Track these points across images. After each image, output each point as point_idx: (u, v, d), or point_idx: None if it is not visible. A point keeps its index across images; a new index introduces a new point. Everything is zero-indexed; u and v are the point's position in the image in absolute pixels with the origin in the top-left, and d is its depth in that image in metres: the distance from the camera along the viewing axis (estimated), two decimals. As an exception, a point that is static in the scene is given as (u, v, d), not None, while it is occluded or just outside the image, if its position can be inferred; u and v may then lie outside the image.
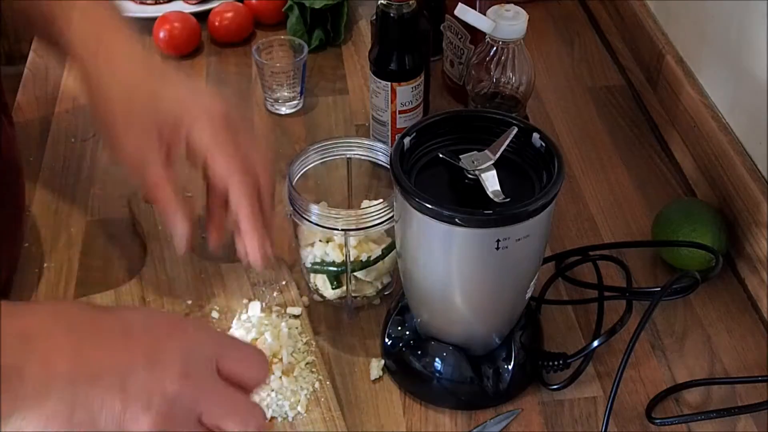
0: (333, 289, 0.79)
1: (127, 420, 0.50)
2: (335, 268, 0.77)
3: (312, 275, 0.80)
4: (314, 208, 0.73)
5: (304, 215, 0.74)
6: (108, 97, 0.71)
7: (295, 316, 0.78)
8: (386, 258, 0.78)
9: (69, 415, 0.49)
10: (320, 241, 0.78)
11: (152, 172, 0.70)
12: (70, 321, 0.52)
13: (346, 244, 0.75)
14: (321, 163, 0.80)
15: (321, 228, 0.74)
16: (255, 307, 0.78)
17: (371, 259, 0.77)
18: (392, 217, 0.72)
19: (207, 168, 0.71)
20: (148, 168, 0.70)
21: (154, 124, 0.70)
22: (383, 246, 0.78)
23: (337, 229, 0.73)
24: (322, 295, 0.81)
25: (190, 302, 0.80)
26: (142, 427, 0.50)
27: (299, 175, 0.78)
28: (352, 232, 0.74)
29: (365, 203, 0.81)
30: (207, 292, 0.81)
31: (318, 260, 0.78)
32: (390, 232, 0.77)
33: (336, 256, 0.77)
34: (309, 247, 0.79)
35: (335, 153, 0.80)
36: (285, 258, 0.84)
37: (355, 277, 0.78)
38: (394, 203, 0.68)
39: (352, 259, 0.76)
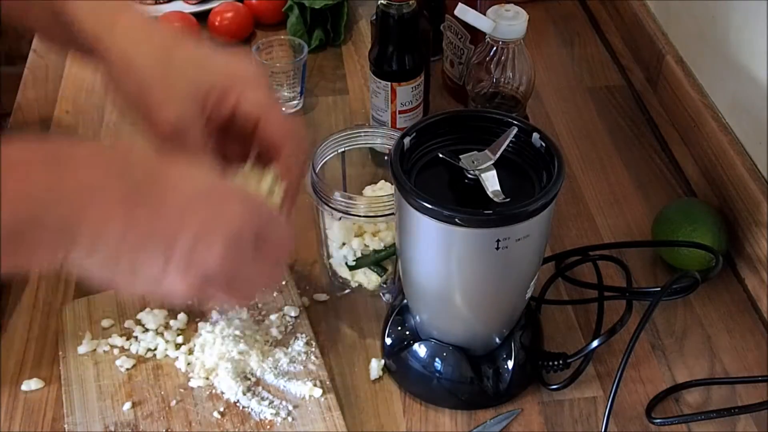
0: (380, 276, 0.79)
1: (164, 281, 0.55)
2: (384, 254, 0.78)
3: (351, 272, 0.80)
4: (360, 200, 0.73)
5: (350, 211, 0.74)
6: (137, 68, 0.65)
7: (294, 317, 0.78)
8: None
9: (114, 266, 0.54)
10: (356, 234, 0.78)
11: (195, 142, 0.65)
12: (128, 191, 0.54)
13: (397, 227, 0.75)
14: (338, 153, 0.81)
15: (369, 218, 0.74)
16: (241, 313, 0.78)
17: None
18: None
19: (258, 132, 0.67)
20: (190, 137, 0.65)
21: (198, 91, 0.65)
22: None
23: (386, 215, 0.74)
24: (360, 288, 0.81)
25: (189, 302, 0.79)
26: (176, 288, 0.55)
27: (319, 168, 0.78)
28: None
29: (382, 187, 0.81)
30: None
31: (360, 254, 0.78)
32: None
33: (375, 244, 0.77)
34: (345, 246, 0.78)
35: (358, 142, 0.81)
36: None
37: (393, 260, 0.79)
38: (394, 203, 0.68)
39: (392, 241, 0.77)
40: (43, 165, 0.52)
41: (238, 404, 0.71)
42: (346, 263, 0.79)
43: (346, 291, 0.82)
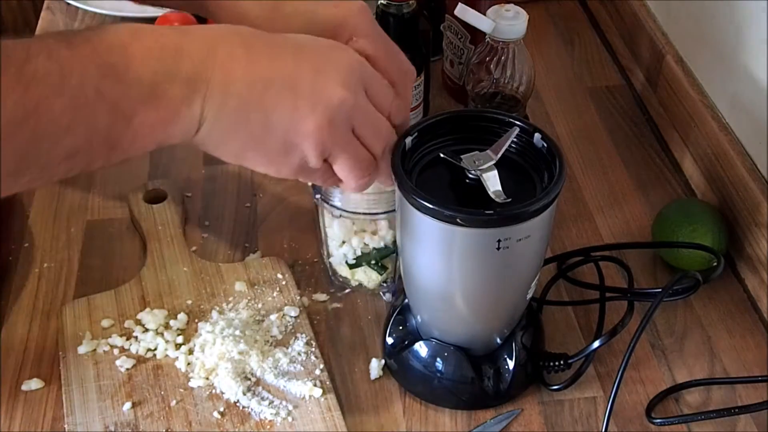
0: (380, 274, 0.79)
1: (296, 119, 0.58)
2: (384, 252, 0.78)
3: (351, 271, 0.80)
4: (359, 197, 0.73)
5: (349, 208, 0.74)
6: (247, 21, 0.67)
7: (294, 317, 0.78)
8: None
9: (246, 114, 0.58)
10: (356, 232, 0.78)
11: None
12: (246, 38, 0.59)
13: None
14: None
15: (369, 215, 0.74)
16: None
17: None
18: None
19: None
20: None
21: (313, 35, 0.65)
22: None
23: (386, 212, 0.74)
24: (360, 287, 0.81)
25: (190, 302, 0.79)
26: (309, 125, 0.58)
27: None
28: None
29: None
30: (207, 292, 0.80)
31: (359, 253, 0.78)
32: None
33: (375, 242, 0.77)
34: (345, 244, 0.78)
35: None
36: (285, 256, 0.85)
37: (393, 258, 0.78)
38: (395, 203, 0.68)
39: (392, 239, 0.77)
40: (169, 30, 0.57)
41: (238, 404, 0.71)
42: (346, 262, 0.79)
43: (347, 290, 0.82)
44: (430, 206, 0.61)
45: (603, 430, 0.70)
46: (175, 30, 0.57)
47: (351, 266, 0.79)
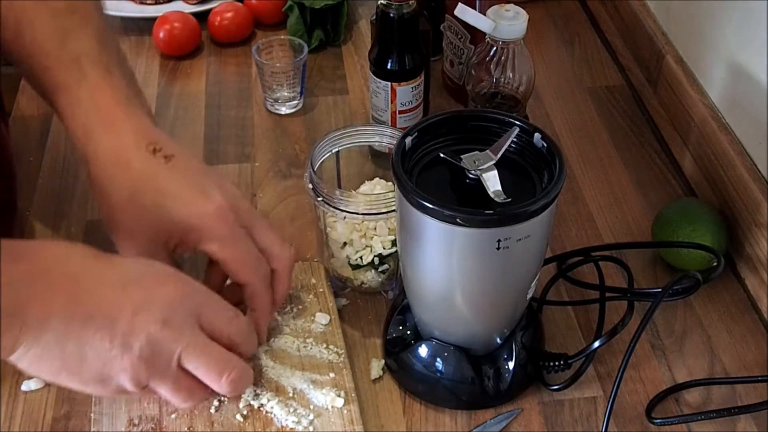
0: (383, 273, 0.79)
1: (112, 357, 0.59)
2: (385, 252, 0.77)
3: (354, 272, 0.80)
4: (360, 198, 0.73)
5: (351, 209, 0.74)
6: (109, 195, 0.68)
7: (324, 324, 0.77)
8: None
9: (62, 348, 0.58)
10: (357, 232, 0.77)
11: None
12: (72, 269, 0.60)
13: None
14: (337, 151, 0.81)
15: (372, 216, 0.74)
16: None
17: None
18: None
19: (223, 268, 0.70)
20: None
21: (162, 233, 0.68)
22: None
23: (388, 212, 0.74)
24: (362, 287, 0.81)
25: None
26: (125, 364, 0.59)
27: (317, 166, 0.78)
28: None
29: (377, 183, 0.81)
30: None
31: (362, 253, 0.78)
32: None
33: (377, 242, 0.77)
34: (347, 246, 0.78)
35: (357, 141, 0.81)
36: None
37: (394, 256, 0.78)
38: (395, 203, 0.68)
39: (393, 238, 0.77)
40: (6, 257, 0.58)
41: (261, 409, 0.70)
42: (349, 263, 0.79)
43: (347, 290, 0.82)
44: (430, 206, 0.61)
45: (603, 430, 0.70)
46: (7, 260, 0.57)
47: (354, 267, 0.79)
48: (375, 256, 0.78)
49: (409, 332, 0.75)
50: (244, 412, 0.70)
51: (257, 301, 0.70)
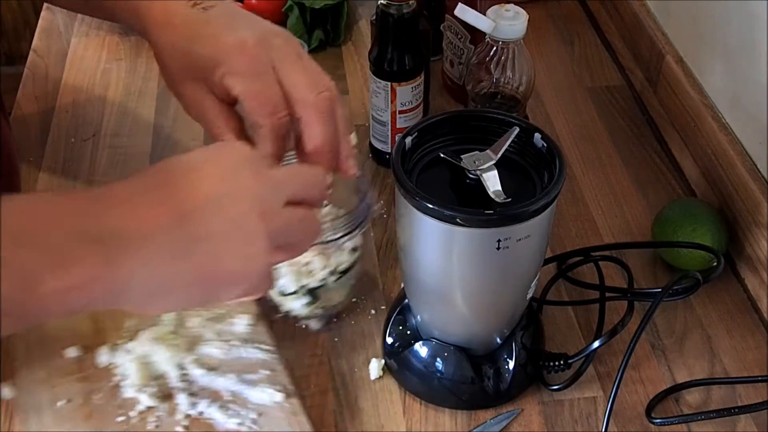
0: (310, 305, 0.77)
1: (249, 228, 0.54)
2: (316, 285, 0.75)
3: (281, 299, 0.77)
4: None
5: None
6: (162, 59, 0.69)
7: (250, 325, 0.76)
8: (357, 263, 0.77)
9: (170, 249, 0.52)
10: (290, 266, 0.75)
11: (211, 125, 0.68)
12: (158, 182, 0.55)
13: (356, 250, 0.74)
14: None
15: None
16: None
17: (343, 268, 0.75)
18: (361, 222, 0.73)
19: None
20: (207, 122, 0.68)
21: (199, 74, 0.66)
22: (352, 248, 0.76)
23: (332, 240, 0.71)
24: (290, 316, 0.78)
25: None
26: (261, 254, 0.55)
27: None
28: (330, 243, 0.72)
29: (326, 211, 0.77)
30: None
31: (296, 285, 0.75)
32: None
33: (309, 276, 0.75)
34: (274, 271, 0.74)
35: None
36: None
37: (327, 288, 0.76)
38: (395, 203, 0.68)
39: (329, 270, 0.75)
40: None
41: (201, 417, 0.69)
42: (280, 292, 0.76)
43: (278, 315, 0.79)
44: (430, 206, 0.61)
45: (603, 430, 0.70)
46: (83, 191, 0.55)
47: (283, 295, 0.76)
48: (301, 286, 0.75)
49: (409, 332, 0.75)
50: (185, 423, 0.69)
51: (263, 146, 0.65)
